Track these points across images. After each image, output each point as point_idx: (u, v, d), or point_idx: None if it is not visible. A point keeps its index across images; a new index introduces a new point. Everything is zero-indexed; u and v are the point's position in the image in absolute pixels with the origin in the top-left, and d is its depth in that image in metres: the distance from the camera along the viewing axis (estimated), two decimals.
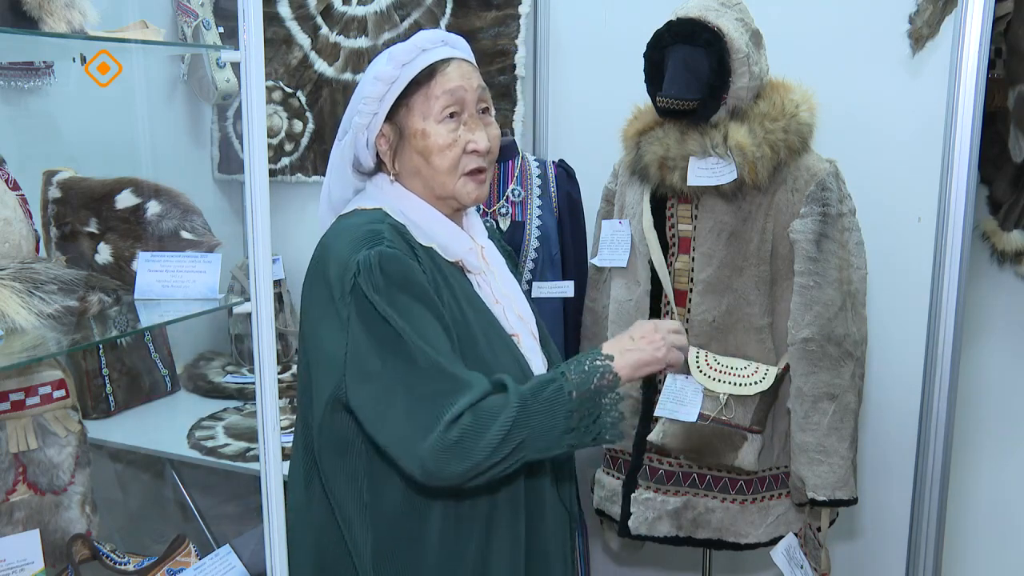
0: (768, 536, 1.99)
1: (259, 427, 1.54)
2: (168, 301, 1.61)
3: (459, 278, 1.42)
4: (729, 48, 1.82)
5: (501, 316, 1.44)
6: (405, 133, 1.41)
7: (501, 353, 1.39)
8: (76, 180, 1.81)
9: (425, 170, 1.41)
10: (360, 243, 1.31)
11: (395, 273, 1.29)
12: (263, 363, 1.52)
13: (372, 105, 1.41)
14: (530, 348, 1.46)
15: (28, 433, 1.65)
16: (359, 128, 1.42)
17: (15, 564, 1.54)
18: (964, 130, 1.67)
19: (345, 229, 1.37)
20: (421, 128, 1.40)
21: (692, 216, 1.95)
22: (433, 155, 1.40)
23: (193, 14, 2.65)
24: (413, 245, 1.36)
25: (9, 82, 2.22)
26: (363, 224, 1.36)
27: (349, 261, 1.30)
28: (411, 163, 1.42)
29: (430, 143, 1.40)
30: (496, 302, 1.45)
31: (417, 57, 1.40)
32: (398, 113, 1.41)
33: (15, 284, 1.43)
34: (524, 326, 1.48)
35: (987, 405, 2.38)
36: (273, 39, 2.74)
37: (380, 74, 1.40)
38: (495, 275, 1.49)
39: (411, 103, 1.40)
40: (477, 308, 1.41)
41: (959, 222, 1.70)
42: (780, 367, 1.93)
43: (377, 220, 1.37)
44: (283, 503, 1.56)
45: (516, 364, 1.41)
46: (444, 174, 1.41)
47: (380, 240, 1.31)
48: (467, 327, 1.36)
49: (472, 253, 1.44)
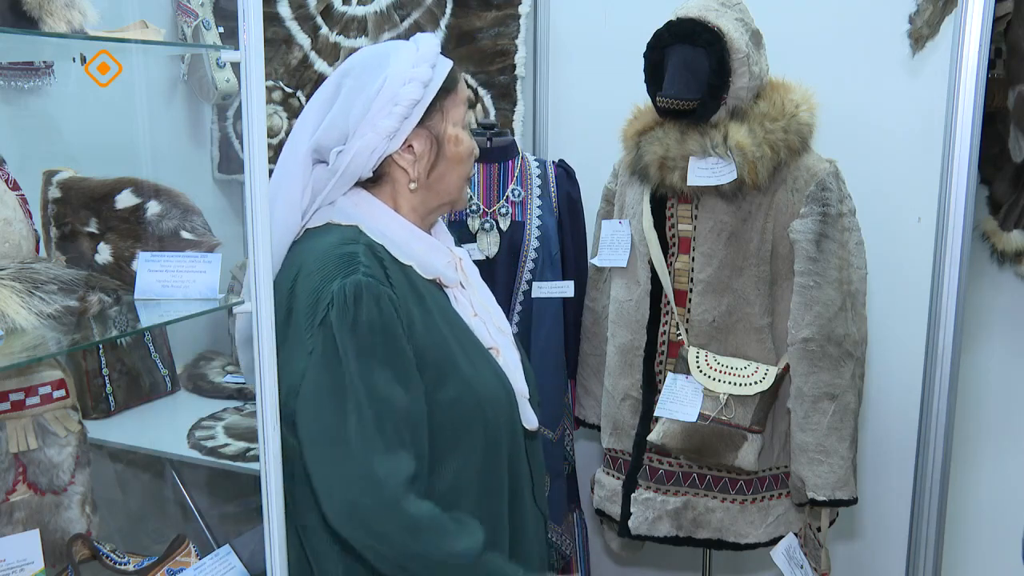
0: (768, 536, 1.99)
1: (259, 427, 1.54)
2: (168, 301, 1.61)
3: (436, 295, 1.37)
4: (729, 48, 1.82)
5: (480, 329, 1.41)
6: (440, 140, 1.35)
7: (481, 368, 1.37)
8: (76, 180, 1.81)
9: (449, 177, 1.37)
10: (336, 269, 1.26)
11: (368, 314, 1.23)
12: (263, 363, 1.52)
13: (406, 109, 1.31)
14: (510, 361, 1.43)
15: (28, 433, 1.65)
16: (385, 132, 1.31)
17: (15, 564, 1.54)
18: (964, 130, 1.67)
19: (319, 250, 1.31)
20: (455, 134, 1.36)
21: (692, 216, 1.95)
22: (463, 162, 1.37)
23: (193, 14, 2.65)
24: (387, 266, 1.30)
25: (9, 82, 2.22)
26: (338, 245, 1.30)
27: (323, 289, 1.25)
28: (437, 171, 1.36)
29: (462, 149, 1.37)
30: (474, 315, 1.41)
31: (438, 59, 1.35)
32: (431, 119, 1.34)
33: (15, 284, 1.43)
34: (504, 338, 1.44)
35: (987, 405, 2.38)
36: (273, 39, 2.74)
37: (415, 75, 1.31)
38: (473, 286, 1.45)
39: (444, 107, 1.35)
40: (455, 324, 1.37)
41: (959, 222, 1.70)
42: (780, 367, 1.93)
43: (351, 240, 1.31)
44: (283, 503, 1.56)
45: (496, 378, 1.38)
46: (463, 179, 1.39)
47: (356, 267, 1.26)
48: (446, 347, 1.32)
49: (449, 266, 1.40)
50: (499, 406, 1.36)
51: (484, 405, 1.34)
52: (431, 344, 1.30)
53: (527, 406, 1.43)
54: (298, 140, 1.36)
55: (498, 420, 1.36)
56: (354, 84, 1.33)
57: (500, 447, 1.37)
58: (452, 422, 1.31)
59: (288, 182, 1.36)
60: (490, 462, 1.35)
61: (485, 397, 1.34)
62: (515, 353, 1.46)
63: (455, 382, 1.30)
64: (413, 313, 1.30)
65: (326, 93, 1.35)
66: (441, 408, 1.30)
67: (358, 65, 1.34)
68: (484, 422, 1.34)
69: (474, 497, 1.35)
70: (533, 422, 1.43)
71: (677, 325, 1.99)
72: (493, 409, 1.35)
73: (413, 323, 1.29)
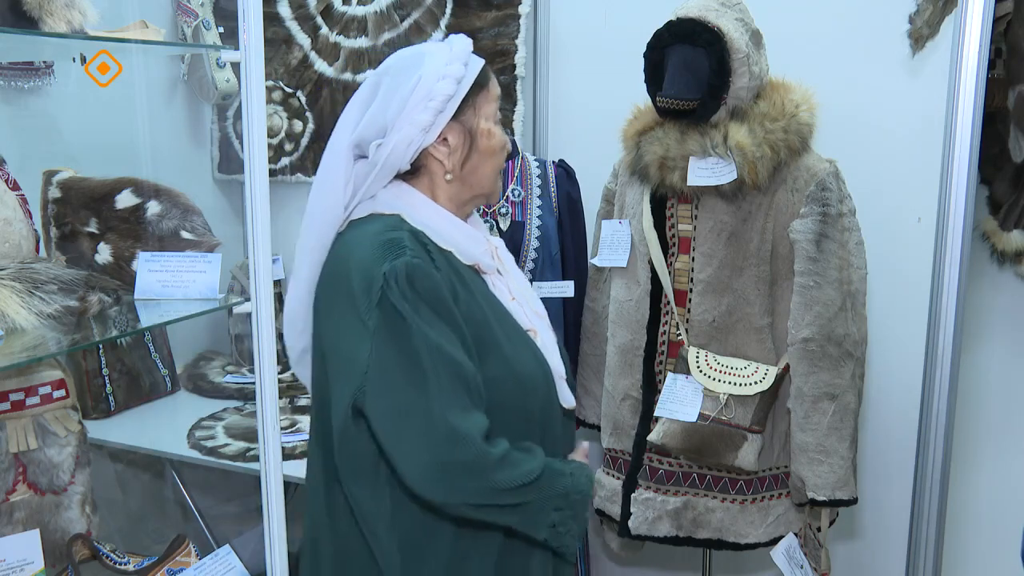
0: (768, 536, 1.98)
1: (259, 427, 1.55)
2: (168, 301, 1.62)
3: (475, 280, 1.44)
4: (729, 48, 1.82)
5: (518, 312, 1.47)
6: (473, 133, 1.43)
7: (521, 349, 1.43)
8: (76, 180, 1.81)
9: (483, 169, 1.45)
10: (384, 253, 1.32)
11: (423, 288, 1.31)
12: (263, 363, 1.52)
13: (440, 104, 1.39)
14: (548, 342, 1.49)
15: (28, 433, 1.65)
16: (420, 126, 1.38)
17: (15, 564, 1.54)
18: (964, 130, 1.67)
19: (365, 237, 1.38)
20: (487, 128, 1.44)
21: (692, 216, 1.95)
22: (496, 155, 1.45)
23: (193, 14, 2.65)
24: (431, 250, 1.37)
25: (9, 82, 2.22)
26: (382, 232, 1.37)
27: (375, 272, 1.31)
28: (471, 163, 1.44)
29: (495, 143, 1.45)
30: (512, 299, 1.48)
31: (471, 58, 1.43)
32: (464, 113, 1.42)
33: (15, 284, 1.43)
34: (540, 321, 1.51)
35: (987, 405, 2.37)
36: (273, 39, 2.74)
37: (448, 72, 1.39)
38: (509, 273, 1.52)
39: (476, 103, 1.43)
40: (495, 307, 1.44)
41: (959, 222, 1.69)
42: (780, 367, 1.93)
43: (395, 227, 1.38)
44: (283, 503, 1.56)
45: (534, 358, 1.44)
46: (495, 172, 1.47)
47: (403, 250, 1.32)
48: (488, 327, 1.39)
49: (487, 254, 1.47)
50: (537, 385, 1.43)
51: (524, 383, 1.41)
52: (474, 323, 1.37)
53: (564, 385, 1.49)
54: (339, 137, 1.43)
55: (536, 398, 1.43)
56: (391, 82, 1.40)
57: (537, 424, 1.43)
58: (492, 400, 1.36)
59: (330, 177, 1.43)
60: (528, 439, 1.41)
61: (524, 375, 1.41)
62: (551, 335, 1.52)
63: (496, 360, 1.37)
64: (458, 292, 1.37)
65: (365, 92, 1.43)
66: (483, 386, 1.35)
67: (395, 65, 1.42)
68: (523, 400, 1.41)
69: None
70: (570, 400, 1.50)
71: (677, 325, 1.99)
72: (532, 387, 1.42)
73: (458, 301, 1.36)
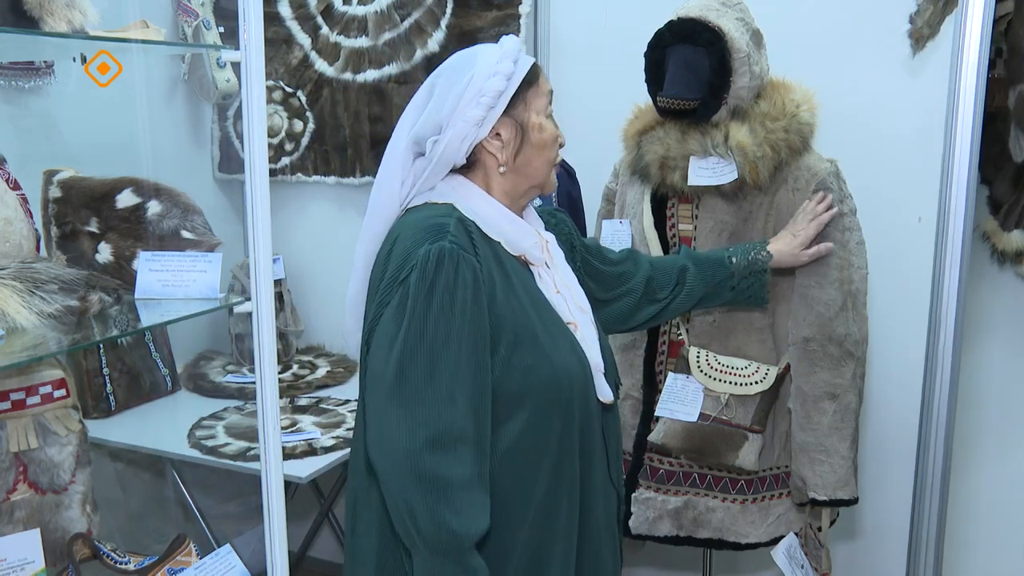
0: (769, 536, 1.98)
1: (259, 426, 1.55)
2: (168, 301, 1.62)
3: (520, 271, 1.48)
4: (730, 48, 1.82)
5: (561, 305, 1.50)
6: (525, 127, 1.47)
7: (559, 340, 1.46)
8: (76, 179, 1.81)
9: (535, 161, 1.49)
10: (425, 236, 1.37)
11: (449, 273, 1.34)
12: (263, 363, 1.52)
13: (492, 99, 1.44)
14: (588, 336, 1.51)
15: (29, 432, 1.65)
16: (473, 121, 1.44)
17: (15, 563, 1.54)
18: (964, 130, 1.67)
19: (414, 221, 1.43)
20: (538, 122, 1.49)
21: (693, 216, 1.95)
22: (548, 147, 1.50)
23: (193, 14, 2.65)
24: (475, 238, 1.41)
25: (9, 82, 2.22)
26: (430, 217, 1.42)
27: (412, 253, 1.36)
28: (523, 156, 1.48)
29: (546, 136, 1.49)
30: (556, 292, 1.51)
31: (521, 56, 1.48)
32: (515, 108, 1.47)
33: (16, 283, 1.43)
34: (583, 315, 1.53)
35: (987, 405, 2.37)
36: (273, 39, 2.74)
37: (499, 69, 1.44)
38: (557, 267, 1.55)
39: (527, 98, 1.48)
40: (536, 299, 1.47)
41: (959, 222, 1.69)
42: (781, 367, 1.93)
43: (445, 214, 1.42)
44: (284, 503, 1.56)
45: (572, 351, 1.47)
46: (549, 164, 1.52)
47: (444, 234, 1.37)
48: (526, 317, 1.42)
49: (536, 247, 1.51)
50: (574, 377, 1.45)
51: (559, 374, 1.42)
52: (510, 312, 1.40)
53: (602, 380, 1.51)
54: (398, 137, 1.50)
55: (572, 391, 1.44)
56: (445, 82, 1.46)
57: (572, 417, 1.45)
58: (523, 387, 1.39)
59: (388, 176, 1.49)
60: (561, 431, 1.43)
61: (560, 367, 1.43)
62: (593, 330, 1.54)
63: (532, 350, 1.40)
64: (496, 281, 1.40)
65: (422, 94, 1.50)
66: (515, 372, 1.39)
67: (449, 67, 1.49)
68: (558, 391, 1.42)
69: (548, 461, 1.42)
70: (608, 395, 1.51)
71: (678, 325, 1.99)
72: (568, 379, 1.44)
73: (495, 290, 1.39)
